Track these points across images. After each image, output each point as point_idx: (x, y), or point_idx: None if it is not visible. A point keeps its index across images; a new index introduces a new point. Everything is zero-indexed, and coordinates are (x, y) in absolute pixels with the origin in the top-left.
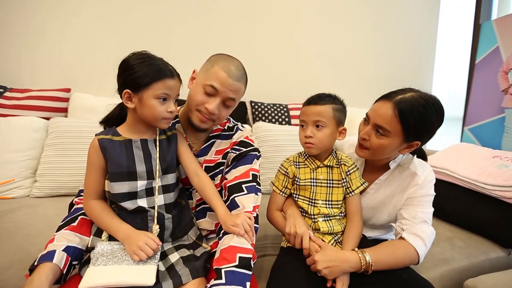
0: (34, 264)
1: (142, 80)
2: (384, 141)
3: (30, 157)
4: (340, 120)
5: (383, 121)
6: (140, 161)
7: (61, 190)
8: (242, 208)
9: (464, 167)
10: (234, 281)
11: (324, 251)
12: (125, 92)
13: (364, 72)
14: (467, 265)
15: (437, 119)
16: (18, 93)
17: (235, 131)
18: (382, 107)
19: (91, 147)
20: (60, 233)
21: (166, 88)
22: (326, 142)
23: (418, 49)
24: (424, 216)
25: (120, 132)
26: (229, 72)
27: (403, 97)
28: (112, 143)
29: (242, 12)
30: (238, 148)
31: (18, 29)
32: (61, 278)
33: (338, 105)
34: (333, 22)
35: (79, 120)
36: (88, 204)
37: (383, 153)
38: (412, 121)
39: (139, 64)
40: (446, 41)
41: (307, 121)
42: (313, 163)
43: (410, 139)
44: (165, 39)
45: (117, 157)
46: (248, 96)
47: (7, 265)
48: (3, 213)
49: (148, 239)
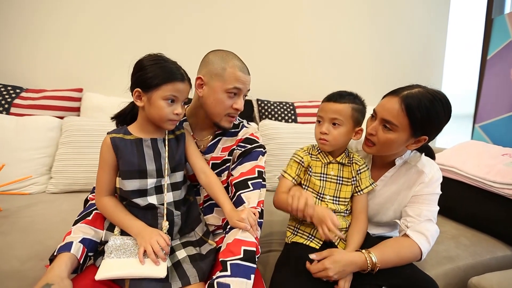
0: (54, 254)
1: (153, 81)
2: (391, 135)
3: (45, 155)
4: (358, 120)
5: (390, 115)
6: (150, 159)
7: (74, 186)
8: (247, 204)
9: (472, 165)
10: (239, 273)
11: (333, 257)
12: (136, 91)
13: (371, 70)
14: (472, 263)
15: (444, 113)
16: (34, 93)
17: (240, 128)
18: (389, 102)
19: (103, 145)
20: (76, 226)
21: (175, 90)
22: (341, 140)
23: (427, 45)
24: (429, 214)
25: (131, 131)
26: (242, 69)
27: (410, 92)
28: (124, 141)
29: (247, 9)
30: (244, 145)
31: (33, 32)
32: (78, 268)
33: (358, 105)
34: (340, 19)
35: (91, 119)
36: (101, 200)
37: (390, 148)
38: (419, 115)
39: (152, 65)
40: (456, 36)
41: (324, 117)
42: (326, 158)
43: (418, 134)
44: (169, 37)
45: (128, 156)
46: (255, 94)
47: (26, 257)
48: (21, 208)
49: (160, 237)
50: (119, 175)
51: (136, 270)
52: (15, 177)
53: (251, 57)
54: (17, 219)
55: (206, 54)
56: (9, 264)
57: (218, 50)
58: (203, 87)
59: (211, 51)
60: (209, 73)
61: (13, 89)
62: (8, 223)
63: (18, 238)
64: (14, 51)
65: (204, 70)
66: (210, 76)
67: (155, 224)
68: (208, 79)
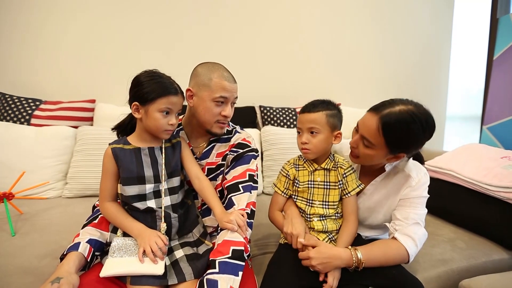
0: (64, 253)
1: (149, 95)
2: (369, 151)
3: (61, 162)
4: (334, 125)
5: (368, 133)
6: (148, 166)
7: (87, 192)
8: (237, 206)
9: (470, 168)
10: (226, 270)
11: (319, 248)
12: (134, 104)
13: (375, 73)
14: (467, 266)
15: (423, 134)
16: (51, 105)
17: (233, 134)
18: (369, 120)
19: (105, 155)
20: (84, 229)
21: (169, 103)
22: (321, 147)
23: (432, 46)
24: (416, 218)
25: (130, 141)
26: (227, 78)
27: (390, 112)
28: (124, 151)
29: (250, 16)
30: (236, 150)
31: (49, 48)
32: (86, 266)
33: (332, 111)
34: (342, 24)
35: (103, 129)
36: (104, 205)
37: (371, 162)
38: (393, 137)
39: (148, 81)
40: (461, 36)
41: (302, 128)
42: (311, 166)
43: (395, 151)
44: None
45: (127, 164)
46: (257, 100)
47: (43, 255)
48: (39, 211)
49: (158, 238)
50: (120, 182)
51: (136, 268)
52: (35, 183)
53: (253, 63)
54: (36, 221)
55: (195, 67)
56: (28, 261)
57: (206, 62)
58: (193, 97)
59: (199, 64)
60: (197, 84)
61: (33, 101)
62: (29, 225)
63: (37, 238)
64: (34, 65)
65: (193, 82)
66: (198, 87)
67: (154, 226)
68: (197, 90)
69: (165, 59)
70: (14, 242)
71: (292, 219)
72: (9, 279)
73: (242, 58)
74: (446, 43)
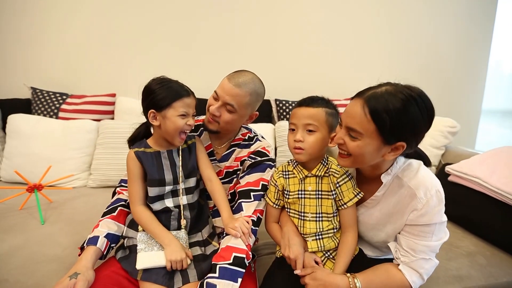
0: (84, 244)
1: (164, 101)
2: (359, 144)
3: (86, 154)
4: (333, 125)
5: (354, 121)
6: (167, 170)
7: (109, 182)
8: (244, 212)
9: (499, 176)
10: (226, 276)
11: (315, 274)
12: (150, 112)
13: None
14: (485, 285)
15: (420, 114)
16: (77, 99)
17: (254, 141)
18: (352, 106)
19: (129, 159)
20: (103, 221)
21: (185, 105)
22: (317, 148)
23: (471, 30)
24: (426, 250)
25: (150, 144)
26: (230, 78)
27: (375, 92)
28: (145, 154)
29: (265, 8)
30: (254, 157)
31: (75, 45)
32: (102, 256)
33: (331, 110)
34: (363, 16)
35: (122, 122)
36: (136, 210)
37: (363, 159)
38: (387, 120)
39: (159, 88)
40: (505, 18)
41: (297, 124)
42: (301, 173)
43: (392, 141)
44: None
45: (150, 167)
46: (273, 94)
47: (67, 244)
48: (66, 200)
49: (184, 259)
50: None
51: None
52: (62, 173)
53: (269, 57)
54: (63, 210)
55: None
56: (53, 250)
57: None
58: None
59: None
60: None
61: (60, 95)
62: (57, 214)
63: (62, 227)
64: (61, 60)
65: None
66: None
67: (168, 225)
68: None
69: (182, 52)
70: (43, 231)
71: (290, 240)
72: (36, 267)
73: (258, 51)
74: (489, 21)
